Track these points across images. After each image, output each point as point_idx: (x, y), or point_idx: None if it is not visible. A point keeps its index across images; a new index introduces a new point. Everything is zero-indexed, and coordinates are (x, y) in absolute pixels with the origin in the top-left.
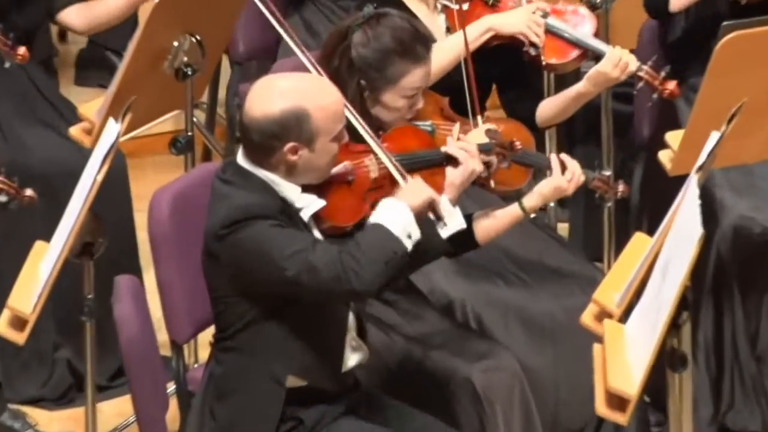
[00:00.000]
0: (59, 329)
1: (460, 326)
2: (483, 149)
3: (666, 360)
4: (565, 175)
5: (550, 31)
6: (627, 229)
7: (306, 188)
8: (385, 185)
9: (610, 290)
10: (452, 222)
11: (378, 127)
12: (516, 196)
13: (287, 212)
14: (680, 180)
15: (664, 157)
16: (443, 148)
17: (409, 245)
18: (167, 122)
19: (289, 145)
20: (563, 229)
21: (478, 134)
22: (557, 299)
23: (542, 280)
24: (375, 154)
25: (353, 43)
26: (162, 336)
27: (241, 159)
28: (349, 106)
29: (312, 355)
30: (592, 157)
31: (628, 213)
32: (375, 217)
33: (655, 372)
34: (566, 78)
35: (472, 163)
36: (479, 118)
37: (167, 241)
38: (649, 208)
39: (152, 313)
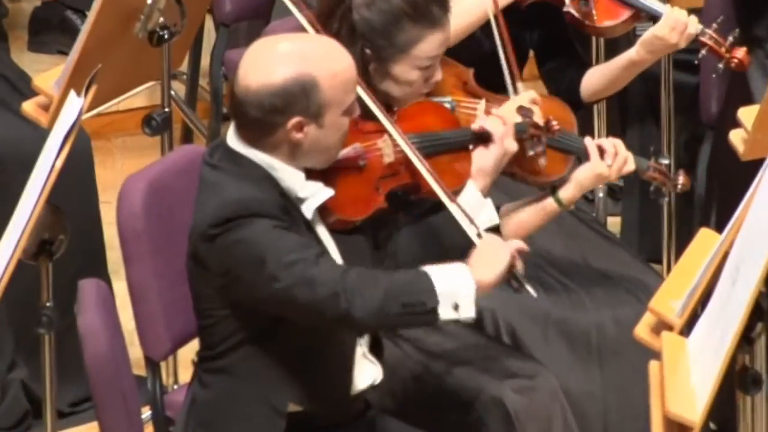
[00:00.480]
0: (14, 344)
1: (489, 339)
2: (515, 130)
3: (736, 380)
4: (605, 158)
5: None
6: (690, 224)
7: (310, 175)
8: (402, 173)
9: (670, 297)
10: (483, 216)
11: (388, 104)
12: (553, 187)
13: (288, 210)
14: (755, 165)
15: (736, 137)
16: (474, 125)
17: (446, 313)
18: (139, 96)
19: (294, 120)
20: (614, 224)
21: (512, 108)
22: (606, 308)
23: (588, 286)
24: (390, 135)
25: (355, 3)
26: (135, 352)
27: (232, 140)
28: (359, 78)
29: (314, 380)
30: (649, 138)
31: (691, 205)
32: (430, 268)
33: (723, 394)
34: (618, 43)
35: (507, 143)
36: (519, 86)
37: (140, 238)
38: (717, 199)
39: (123, 325)
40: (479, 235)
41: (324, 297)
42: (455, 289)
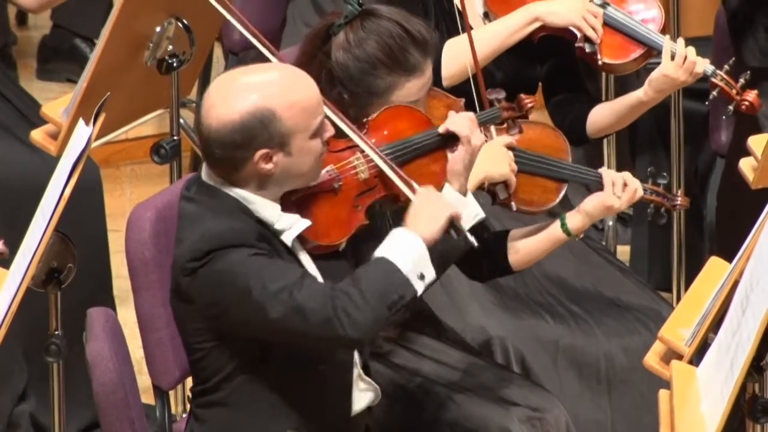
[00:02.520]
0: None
1: (498, 367)
2: (488, 117)
3: (746, 409)
4: (615, 188)
5: (608, 24)
6: (700, 252)
7: (286, 205)
8: (378, 186)
9: (680, 326)
10: (468, 215)
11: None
12: (561, 216)
13: (266, 237)
14: (765, 193)
15: (746, 166)
16: (440, 128)
17: (420, 288)
18: (148, 124)
19: (260, 152)
20: (624, 252)
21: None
22: (616, 337)
23: (598, 315)
24: (362, 150)
25: (333, 47)
26: (143, 380)
27: (205, 175)
28: (324, 99)
29: (314, 404)
30: (658, 166)
31: (701, 233)
32: (382, 250)
33: (733, 423)
34: (628, 80)
35: (474, 139)
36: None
37: (149, 266)
38: (727, 227)
39: (132, 353)
40: (412, 189)
41: (317, 324)
42: (415, 261)
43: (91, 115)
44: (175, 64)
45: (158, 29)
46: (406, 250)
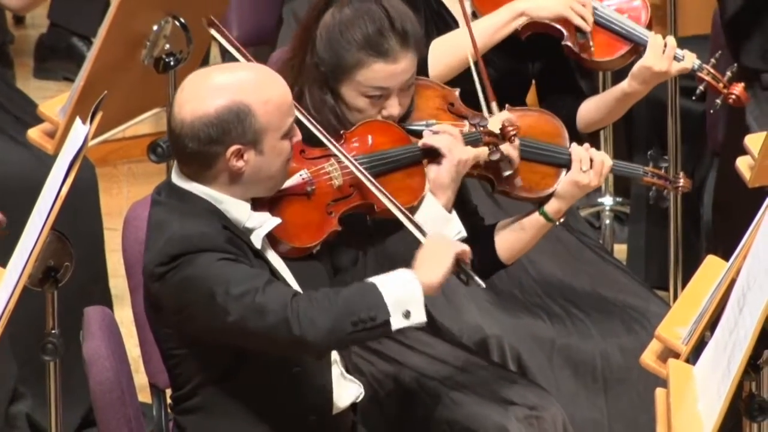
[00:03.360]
0: (20, 375)
1: (495, 366)
2: (468, 140)
3: (742, 407)
4: (582, 164)
5: (595, 22)
6: (697, 251)
7: (256, 206)
8: (353, 194)
9: (676, 324)
10: (451, 231)
11: (337, 127)
12: (539, 202)
13: (234, 241)
14: (761, 192)
15: (743, 164)
16: (420, 141)
17: (399, 323)
18: (145, 123)
19: (233, 148)
20: (621, 251)
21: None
22: (612, 336)
23: (594, 314)
24: (336, 157)
25: (324, 16)
26: (140, 379)
27: (175, 177)
28: (296, 103)
29: (292, 407)
30: (655, 165)
31: (698, 232)
32: (374, 278)
33: (730, 422)
34: (625, 75)
35: (457, 152)
36: (494, 105)
37: None
38: (723, 225)
39: (128, 352)
40: (424, 234)
41: (274, 324)
42: (404, 297)
43: (88, 113)
44: (172, 63)
45: (155, 28)
46: (397, 284)
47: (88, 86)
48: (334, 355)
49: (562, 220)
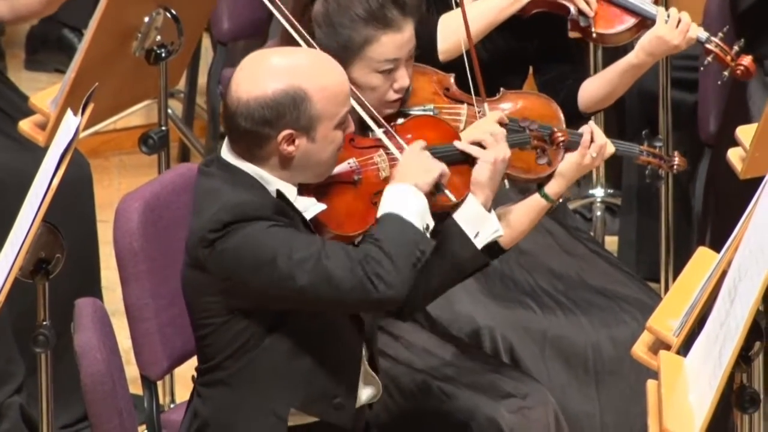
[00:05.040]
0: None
1: (487, 357)
2: (516, 143)
3: (734, 399)
4: (582, 146)
5: None
6: (688, 242)
7: (303, 191)
8: None
9: (668, 316)
10: (486, 229)
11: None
12: (539, 184)
13: (285, 211)
14: (753, 183)
15: (735, 156)
16: (457, 144)
17: (431, 242)
18: (137, 115)
19: (285, 132)
20: (612, 243)
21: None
22: (603, 328)
23: (585, 306)
24: (386, 149)
25: (313, 13)
26: (131, 371)
27: (225, 153)
28: (354, 89)
29: (321, 384)
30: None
31: (689, 223)
32: (387, 206)
33: (721, 413)
34: (618, 55)
35: (497, 151)
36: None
37: (137, 257)
38: (715, 217)
39: (120, 344)
40: (400, 149)
41: (349, 290)
42: (421, 214)
43: (80, 105)
44: (163, 55)
45: (146, 19)
46: (412, 204)
47: (79, 78)
48: (363, 349)
49: (560, 201)
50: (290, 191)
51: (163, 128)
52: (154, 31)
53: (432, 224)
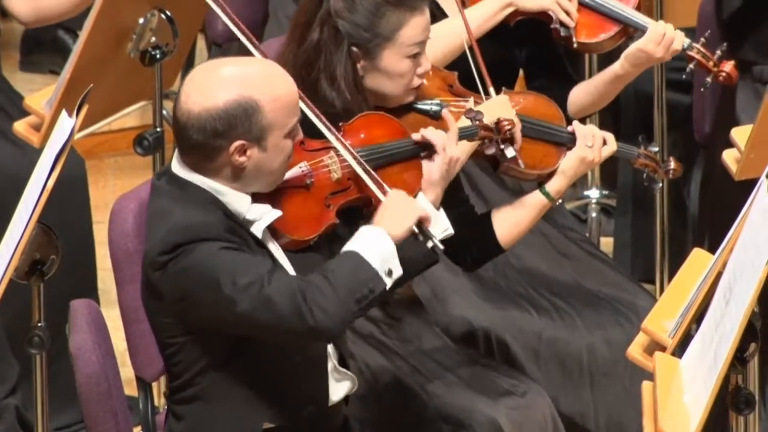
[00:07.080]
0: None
1: (482, 358)
2: (464, 135)
3: (729, 400)
4: (586, 141)
5: (583, 4)
6: (683, 244)
7: (256, 197)
8: (351, 187)
9: (663, 318)
10: (437, 229)
11: (380, 106)
12: (539, 182)
13: (235, 231)
14: (747, 185)
15: (729, 157)
16: (415, 136)
17: (388, 283)
18: (132, 116)
19: (237, 143)
20: (607, 244)
21: (490, 107)
22: (598, 329)
23: (580, 307)
24: (336, 150)
25: (332, 7)
26: (127, 372)
27: (176, 166)
28: (302, 94)
29: (290, 397)
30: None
31: (684, 225)
32: (351, 244)
33: (716, 414)
34: (612, 60)
35: (450, 150)
36: (491, 90)
37: (132, 258)
38: (710, 219)
39: (115, 345)
40: (383, 191)
41: (285, 315)
42: (384, 256)
43: (75, 106)
44: (158, 56)
45: (141, 21)
46: (375, 245)
47: (74, 79)
48: (329, 348)
49: (560, 201)
50: (244, 201)
51: (158, 129)
52: (149, 32)
53: (399, 272)
